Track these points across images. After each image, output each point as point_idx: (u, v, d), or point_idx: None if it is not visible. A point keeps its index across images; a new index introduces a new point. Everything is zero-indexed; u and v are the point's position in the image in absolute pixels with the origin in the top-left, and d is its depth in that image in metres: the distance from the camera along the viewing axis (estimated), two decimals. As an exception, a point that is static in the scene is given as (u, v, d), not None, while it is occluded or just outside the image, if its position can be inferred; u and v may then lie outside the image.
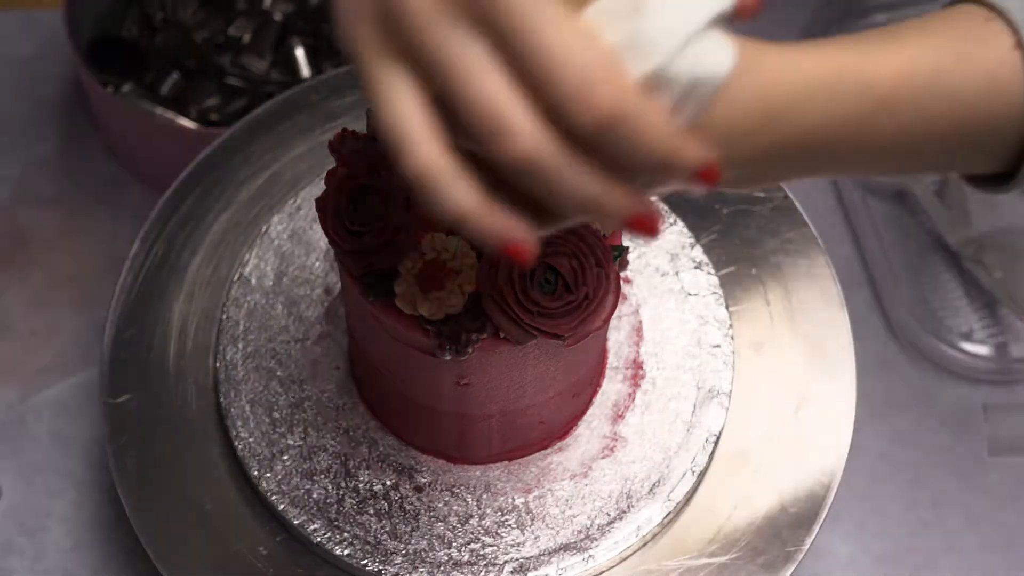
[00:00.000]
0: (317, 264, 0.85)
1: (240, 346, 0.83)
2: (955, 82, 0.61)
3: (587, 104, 0.48)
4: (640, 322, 0.83)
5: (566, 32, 0.48)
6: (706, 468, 0.80)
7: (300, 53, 1.07)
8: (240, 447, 0.80)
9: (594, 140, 0.49)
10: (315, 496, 0.79)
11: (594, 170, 0.49)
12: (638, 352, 0.83)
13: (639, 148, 0.49)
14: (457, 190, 0.49)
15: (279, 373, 0.82)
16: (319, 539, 0.78)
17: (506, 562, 0.77)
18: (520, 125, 0.48)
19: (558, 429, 0.80)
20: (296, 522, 0.78)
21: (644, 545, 0.79)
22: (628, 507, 0.78)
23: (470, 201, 0.49)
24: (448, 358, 0.69)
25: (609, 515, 0.78)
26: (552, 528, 0.78)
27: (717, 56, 0.52)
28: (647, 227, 0.51)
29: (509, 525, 0.78)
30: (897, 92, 0.60)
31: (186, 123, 1.01)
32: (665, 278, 0.85)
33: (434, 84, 0.49)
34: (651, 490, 0.79)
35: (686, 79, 0.51)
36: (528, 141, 0.48)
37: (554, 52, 0.48)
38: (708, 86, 0.52)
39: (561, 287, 0.69)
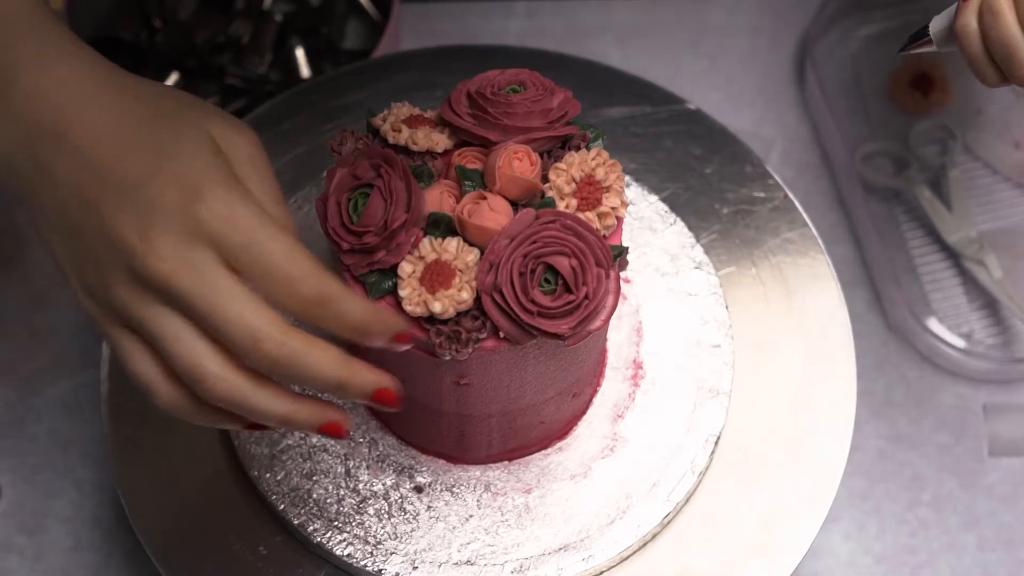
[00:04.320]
0: (317, 264, 0.85)
1: (240, 346, 0.83)
2: None
3: (257, 351, 0.61)
4: (640, 322, 0.83)
5: (237, 299, 0.60)
6: (706, 468, 0.80)
7: (300, 53, 1.07)
8: (240, 447, 0.80)
9: (305, 319, 0.61)
10: (315, 496, 0.79)
11: (281, 393, 0.62)
12: (638, 352, 0.83)
13: (346, 319, 0.61)
14: (196, 418, 0.63)
15: (279, 373, 0.82)
16: (319, 539, 0.78)
17: (506, 562, 0.77)
18: (212, 372, 0.61)
19: (558, 429, 0.80)
20: (296, 522, 0.78)
21: (644, 545, 0.79)
22: (628, 507, 0.78)
23: (203, 421, 0.64)
24: (448, 358, 0.69)
25: (609, 515, 0.78)
26: (552, 528, 0.78)
27: None
28: (336, 433, 0.64)
29: (509, 525, 0.78)
30: None
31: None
32: (665, 278, 0.85)
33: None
34: (651, 490, 0.79)
35: None
36: (221, 383, 0.61)
37: (228, 315, 0.60)
38: None
39: (561, 287, 0.69)
